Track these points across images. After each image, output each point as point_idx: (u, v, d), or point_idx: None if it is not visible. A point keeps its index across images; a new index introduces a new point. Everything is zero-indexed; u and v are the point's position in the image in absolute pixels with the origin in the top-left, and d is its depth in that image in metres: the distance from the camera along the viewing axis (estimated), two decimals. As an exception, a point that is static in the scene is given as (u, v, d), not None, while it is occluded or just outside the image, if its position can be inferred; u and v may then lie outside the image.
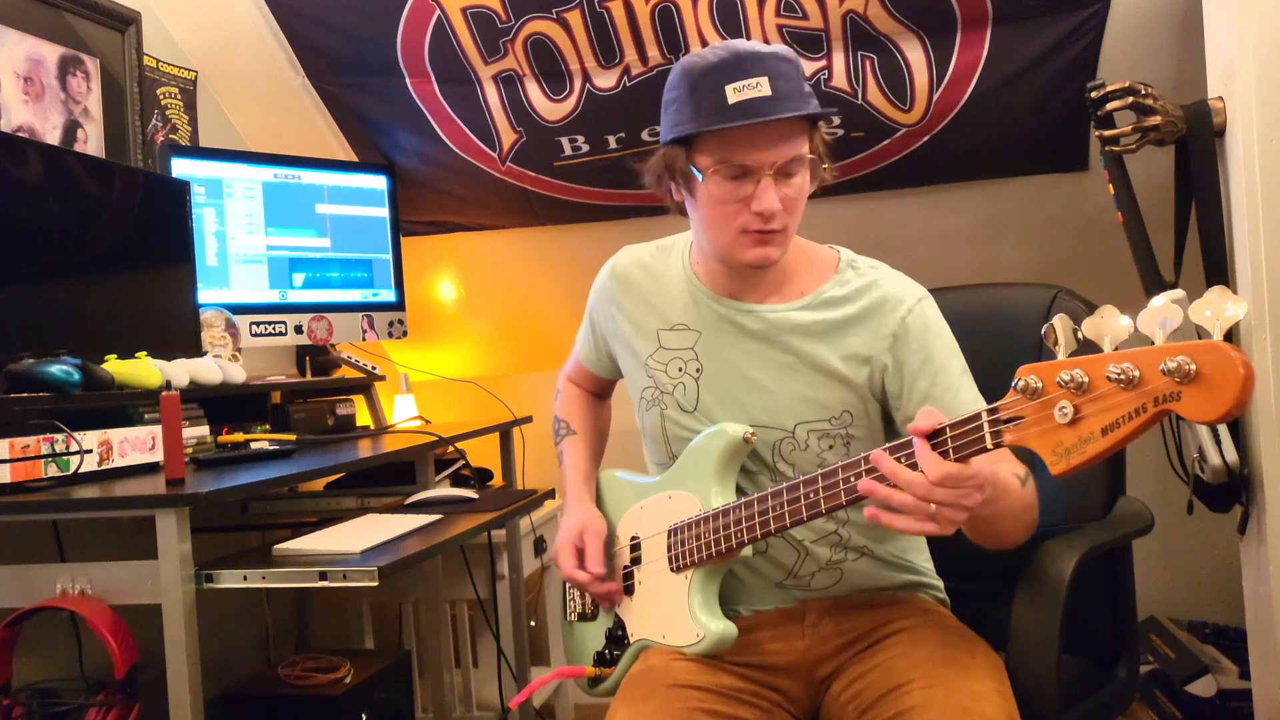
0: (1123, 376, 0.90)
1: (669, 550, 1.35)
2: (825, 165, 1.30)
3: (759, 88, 1.21)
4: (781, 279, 1.37)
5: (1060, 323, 1.00)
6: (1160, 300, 0.94)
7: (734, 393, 1.35)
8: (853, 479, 1.15)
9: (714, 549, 1.29)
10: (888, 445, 1.12)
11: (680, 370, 1.39)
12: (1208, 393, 0.86)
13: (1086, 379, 0.94)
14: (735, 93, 1.21)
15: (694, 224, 1.37)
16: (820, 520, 1.28)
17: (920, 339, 1.31)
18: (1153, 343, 0.92)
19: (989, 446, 1.03)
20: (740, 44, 1.25)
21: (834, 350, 1.32)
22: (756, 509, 1.25)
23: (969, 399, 1.30)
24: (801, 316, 1.34)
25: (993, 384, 1.33)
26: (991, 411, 1.03)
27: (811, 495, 1.20)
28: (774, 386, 1.33)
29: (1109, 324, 0.95)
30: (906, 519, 1.08)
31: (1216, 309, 0.90)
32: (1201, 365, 0.86)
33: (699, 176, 1.27)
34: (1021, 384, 0.99)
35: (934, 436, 1.07)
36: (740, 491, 1.35)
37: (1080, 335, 0.99)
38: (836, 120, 2.48)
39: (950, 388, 1.29)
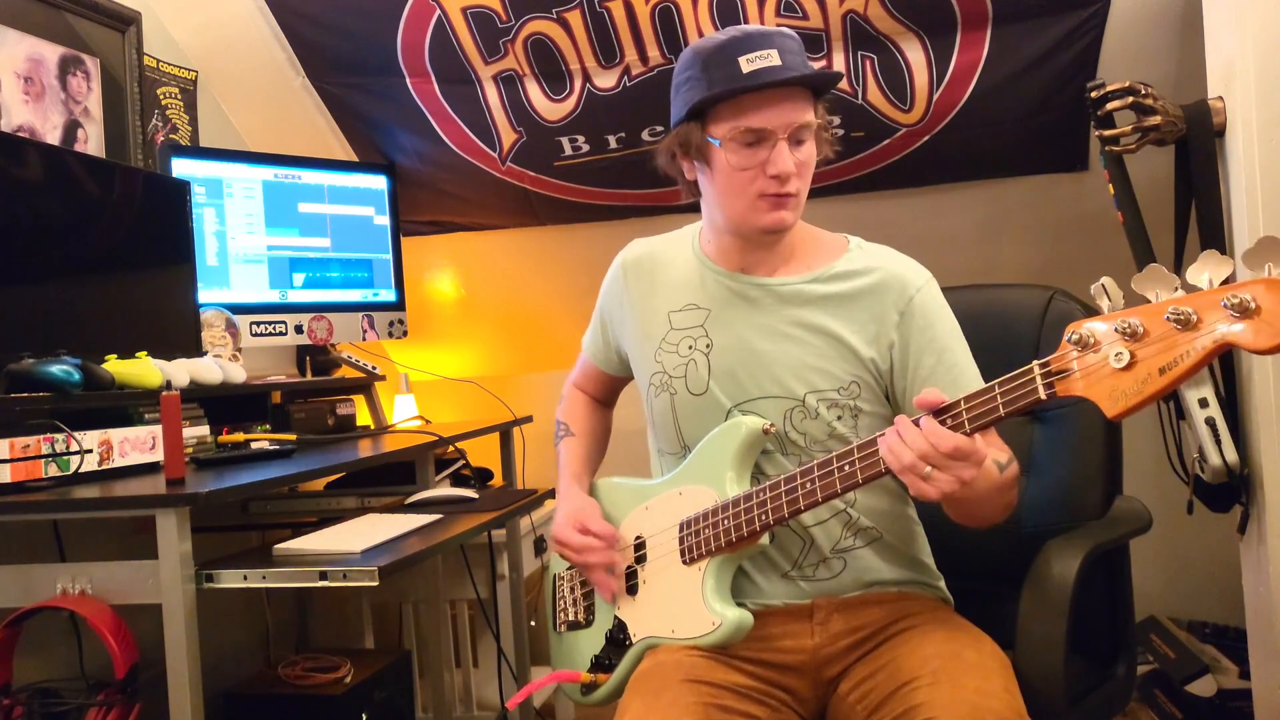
0: (1180, 317, 0.95)
1: (680, 543, 1.35)
2: (828, 134, 1.36)
3: (770, 58, 1.27)
4: (790, 254, 1.40)
5: (1108, 282, 1.06)
6: (1208, 254, 1.00)
7: (744, 363, 1.37)
8: None
9: (733, 535, 1.29)
10: (931, 411, 1.15)
11: (690, 348, 1.40)
12: (1266, 324, 0.91)
13: (1141, 325, 0.99)
14: (748, 63, 1.27)
15: (707, 199, 1.40)
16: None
17: (926, 318, 1.34)
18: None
19: (1042, 397, 1.07)
20: (748, 25, 1.33)
21: (842, 322, 1.35)
22: (784, 488, 1.26)
23: (972, 377, 1.33)
24: (810, 289, 1.37)
25: (989, 382, 1.33)
26: (1044, 364, 1.07)
27: (847, 467, 1.22)
28: (783, 356, 1.35)
29: (1157, 279, 1.02)
30: (906, 474, 1.14)
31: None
32: (1260, 300, 0.92)
33: (715, 144, 1.31)
34: (1075, 336, 1.03)
35: (984, 392, 1.11)
36: (755, 473, 1.35)
37: (1120, 297, 1.05)
38: (836, 120, 2.48)
39: (955, 365, 1.33)
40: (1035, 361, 1.07)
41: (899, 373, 1.34)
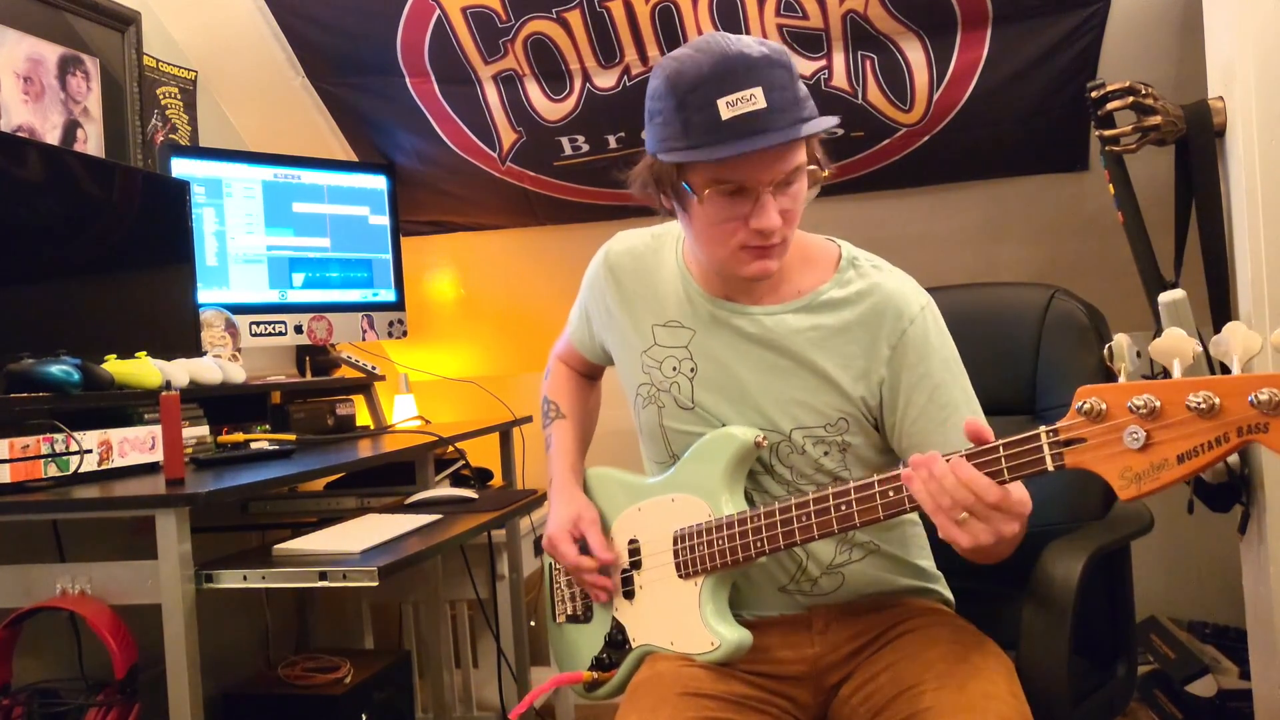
0: (1204, 405, 0.90)
1: (676, 556, 1.33)
2: (825, 173, 1.25)
3: (753, 100, 1.13)
4: (779, 279, 1.31)
5: (1122, 344, 1.00)
6: (1235, 327, 0.94)
7: (729, 395, 1.32)
8: (891, 493, 1.14)
9: (729, 557, 1.26)
10: (946, 456, 1.09)
11: (675, 369, 1.35)
12: None
13: (1160, 404, 0.93)
14: (728, 107, 1.13)
15: (687, 233, 1.31)
16: None
17: (919, 353, 1.27)
18: (1223, 370, 0.92)
19: (1049, 468, 1.02)
20: (729, 46, 1.16)
21: (831, 358, 1.29)
22: (779, 519, 1.22)
23: (967, 415, 1.26)
24: (799, 321, 1.30)
25: (989, 382, 1.33)
26: (1052, 433, 1.01)
27: (844, 508, 1.17)
28: (769, 391, 1.30)
29: (1177, 347, 0.95)
30: (940, 515, 1.07)
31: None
32: None
33: (692, 195, 1.21)
34: (1086, 406, 0.97)
35: (988, 453, 1.06)
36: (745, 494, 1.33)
37: (1135, 358, 1.00)
38: (837, 120, 2.47)
39: (947, 404, 1.27)
40: (1043, 428, 1.02)
41: (888, 409, 1.29)
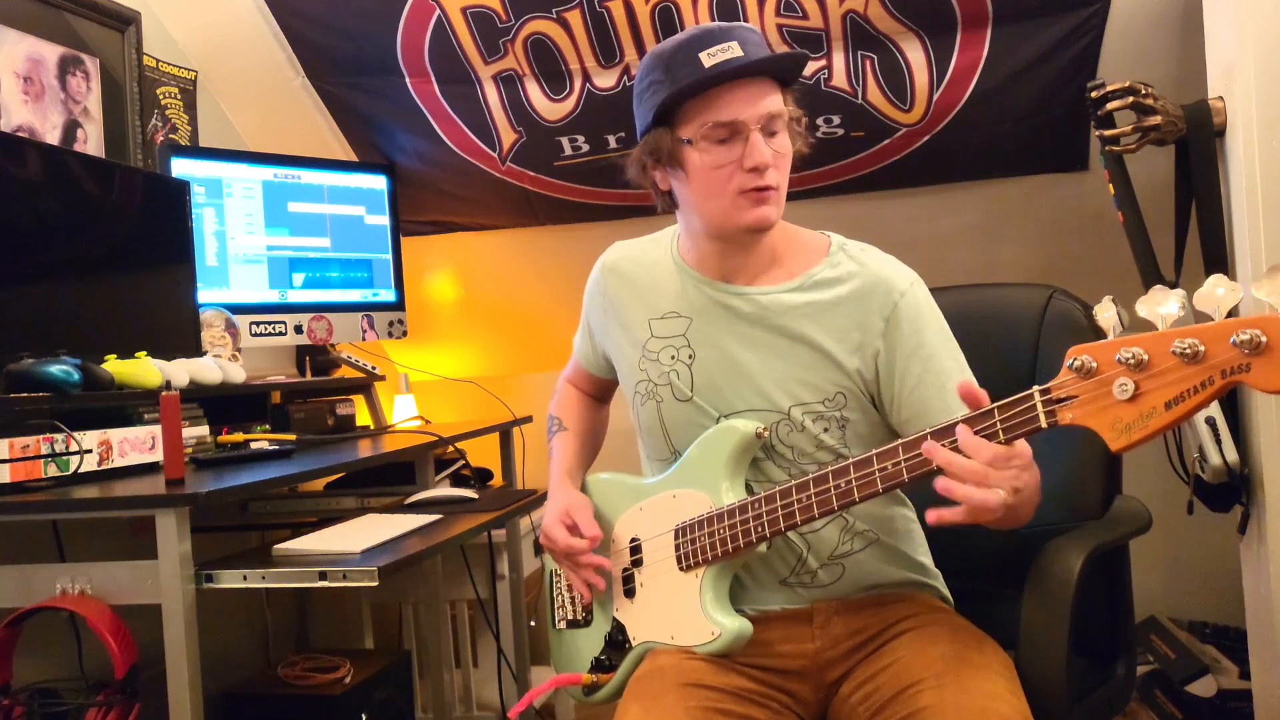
0: (1188, 351, 0.92)
1: (677, 549, 1.34)
2: (800, 127, 1.33)
3: (730, 50, 1.25)
4: (771, 261, 1.36)
5: (1109, 305, 1.02)
6: (1216, 280, 0.96)
7: (727, 376, 1.34)
8: (890, 466, 1.16)
9: (730, 545, 1.27)
10: (931, 429, 1.12)
11: (673, 358, 1.38)
12: (1276, 363, 0.88)
13: (1146, 355, 0.95)
14: (710, 57, 1.25)
15: (685, 206, 1.37)
16: None
17: (913, 324, 1.31)
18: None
19: (1043, 425, 1.04)
20: (705, 24, 1.30)
21: (826, 332, 1.32)
22: (780, 502, 1.24)
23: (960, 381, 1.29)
24: (793, 298, 1.34)
25: (987, 381, 1.32)
26: (1044, 391, 1.04)
27: (843, 485, 1.19)
28: (767, 369, 1.33)
29: (1162, 304, 0.98)
30: (969, 487, 1.07)
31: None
32: (1273, 337, 0.87)
33: (687, 143, 1.29)
34: (1077, 363, 1.00)
35: (983, 417, 1.08)
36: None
37: (1125, 319, 1.02)
38: (837, 120, 2.48)
39: (942, 371, 1.29)
40: (1035, 387, 1.04)
41: (885, 381, 1.31)
